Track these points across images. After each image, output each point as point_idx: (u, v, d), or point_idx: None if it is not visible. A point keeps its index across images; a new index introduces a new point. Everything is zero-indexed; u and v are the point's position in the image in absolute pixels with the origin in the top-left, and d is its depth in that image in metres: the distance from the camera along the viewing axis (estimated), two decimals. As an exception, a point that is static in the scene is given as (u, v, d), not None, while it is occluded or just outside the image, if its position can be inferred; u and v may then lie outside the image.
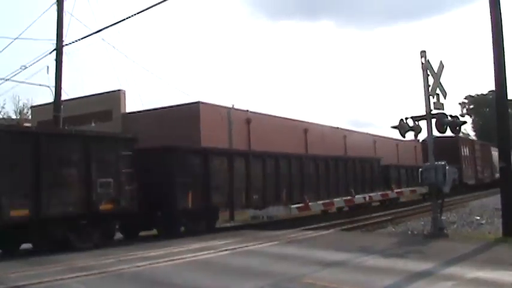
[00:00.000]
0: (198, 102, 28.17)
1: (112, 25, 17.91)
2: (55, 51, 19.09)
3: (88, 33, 18.86)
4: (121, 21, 17.68)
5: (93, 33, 18.66)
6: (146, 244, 13.01)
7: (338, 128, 42.83)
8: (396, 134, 13.95)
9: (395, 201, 28.81)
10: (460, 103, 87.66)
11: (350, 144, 41.97)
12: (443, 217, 13.46)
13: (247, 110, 31.70)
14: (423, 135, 14.33)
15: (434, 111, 12.88)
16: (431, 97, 12.85)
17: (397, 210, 24.07)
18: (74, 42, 19.25)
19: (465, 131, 73.99)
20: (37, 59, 20.08)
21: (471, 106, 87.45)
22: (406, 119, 13.56)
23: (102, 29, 18.45)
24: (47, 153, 12.01)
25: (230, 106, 28.91)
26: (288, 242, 12.74)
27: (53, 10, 19.48)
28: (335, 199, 22.26)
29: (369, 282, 7.47)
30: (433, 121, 12.94)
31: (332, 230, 15.92)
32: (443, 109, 13.09)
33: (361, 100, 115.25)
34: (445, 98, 13.15)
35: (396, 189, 28.53)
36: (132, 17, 16.97)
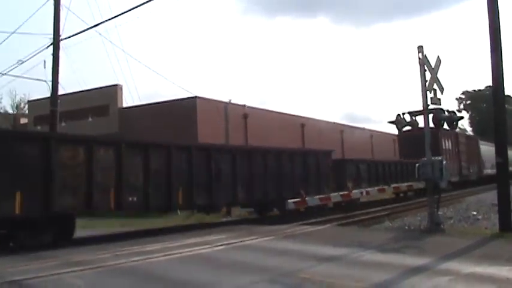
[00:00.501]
0: (195, 96, 28.19)
1: (109, 20, 17.98)
2: (52, 45, 19.02)
3: (85, 27, 18.84)
4: (118, 15, 17.74)
5: (90, 27, 18.66)
6: (142, 239, 12.99)
7: (335, 123, 42.94)
8: (394, 129, 13.96)
9: (354, 202, 23.79)
10: (457, 98, 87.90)
11: (347, 139, 42.09)
12: (440, 212, 13.48)
13: (244, 105, 31.74)
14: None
15: (431, 106, 12.90)
16: (428, 92, 12.84)
17: (394, 205, 24.02)
18: (71, 36, 19.23)
19: (462, 126, 74.16)
20: (34, 54, 20.10)
21: (468, 101, 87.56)
22: (403, 114, 13.59)
23: (99, 24, 18.50)
24: None
25: (227, 101, 28.92)
26: (284, 237, 12.73)
27: (50, 4, 19.45)
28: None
29: (366, 277, 7.46)
30: (430, 116, 12.95)
31: (328, 225, 15.92)
32: (440, 104, 13.09)
33: (358, 95, 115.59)
34: (442, 93, 13.15)
35: (354, 189, 23.53)
36: (130, 12, 16.97)
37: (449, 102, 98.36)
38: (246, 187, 17.53)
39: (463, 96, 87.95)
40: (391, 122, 13.68)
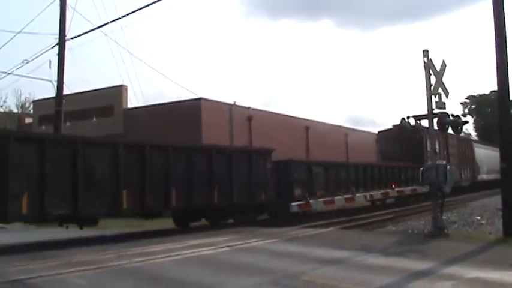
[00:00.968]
0: (200, 98, 28.18)
1: (114, 20, 18.06)
2: (57, 45, 19.12)
3: (91, 28, 18.93)
4: (124, 16, 17.82)
5: (95, 28, 18.77)
6: (145, 240, 13.01)
7: (340, 126, 42.88)
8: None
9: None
10: (462, 103, 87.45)
11: (351, 142, 42.00)
12: (443, 217, 13.43)
13: (249, 107, 31.73)
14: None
15: (436, 110, 12.85)
16: (433, 96, 12.80)
17: (399, 209, 23.94)
18: (77, 36, 19.32)
19: (467, 131, 73.80)
20: (39, 53, 20.20)
21: (473, 106, 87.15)
22: (408, 118, 13.54)
23: (104, 24, 18.58)
24: None
25: (232, 103, 28.92)
26: (288, 240, 12.72)
27: (56, 4, 19.55)
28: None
29: (369, 280, 7.45)
30: (435, 120, 12.92)
31: (332, 228, 15.88)
32: (445, 108, 13.05)
33: (362, 98, 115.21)
34: (447, 98, 13.09)
35: (301, 197, 19.35)
36: (135, 13, 17.03)
37: (454, 106, 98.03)
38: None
39: (468, 100, 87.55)
40: (396, 126, 13.64)
